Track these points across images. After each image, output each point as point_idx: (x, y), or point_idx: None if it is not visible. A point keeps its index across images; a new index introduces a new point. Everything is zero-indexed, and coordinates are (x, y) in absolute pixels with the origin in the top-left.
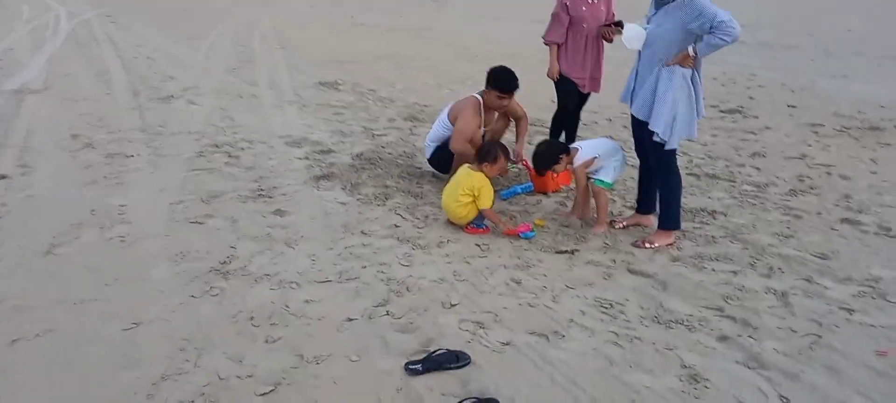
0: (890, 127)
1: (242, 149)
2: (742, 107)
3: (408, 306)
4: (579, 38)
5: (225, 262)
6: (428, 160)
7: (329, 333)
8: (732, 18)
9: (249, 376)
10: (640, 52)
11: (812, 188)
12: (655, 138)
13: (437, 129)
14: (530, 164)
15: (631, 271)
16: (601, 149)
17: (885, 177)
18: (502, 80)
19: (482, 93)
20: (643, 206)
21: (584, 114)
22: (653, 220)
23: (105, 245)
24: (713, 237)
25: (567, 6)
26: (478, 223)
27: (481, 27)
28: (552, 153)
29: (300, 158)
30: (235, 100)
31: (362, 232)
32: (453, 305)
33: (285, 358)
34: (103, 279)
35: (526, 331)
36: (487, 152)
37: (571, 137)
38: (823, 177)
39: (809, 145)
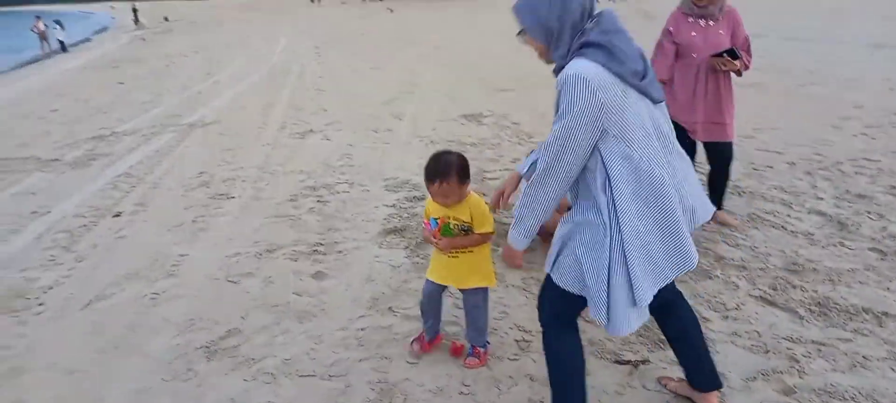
0: None
1: (337, 193)
2: None
3: None
4: (689, 71)
5: (224, 336)
6: None
7: None
8: (555, 162)
9: None
10: None
11: None
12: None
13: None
14: None
15: None
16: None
17: None
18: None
19: None
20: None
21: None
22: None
23: (136, 303)
24: (866, 358)
25: (671, 31)
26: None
27: None
28: None
29: (388, 205)
30: (369, 136)
31: (389, 310)
32: None
33: None
34: (101, 345)
35: None
36: None
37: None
38: None
39: None
